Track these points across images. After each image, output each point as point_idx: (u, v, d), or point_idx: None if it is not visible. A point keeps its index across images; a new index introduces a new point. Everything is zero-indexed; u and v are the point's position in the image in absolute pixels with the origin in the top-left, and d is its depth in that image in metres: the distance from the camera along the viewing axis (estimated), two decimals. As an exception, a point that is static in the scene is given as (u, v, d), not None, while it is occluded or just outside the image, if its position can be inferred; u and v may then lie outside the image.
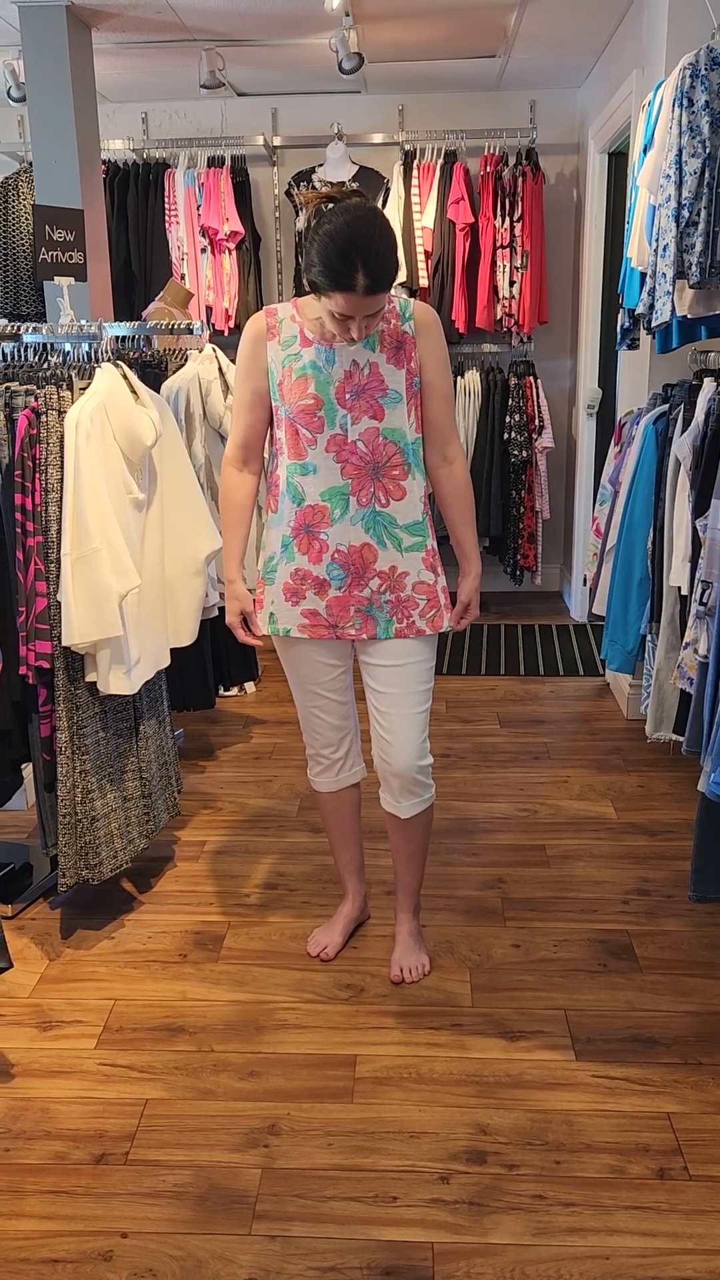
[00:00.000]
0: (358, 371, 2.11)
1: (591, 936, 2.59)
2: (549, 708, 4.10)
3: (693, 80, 2.64)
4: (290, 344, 2.13)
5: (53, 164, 3.97)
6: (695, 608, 2.46)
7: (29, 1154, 1.94)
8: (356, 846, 2.55)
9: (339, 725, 2.40)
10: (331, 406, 2.11)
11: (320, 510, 2.16)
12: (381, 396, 2.12)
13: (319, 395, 2.11)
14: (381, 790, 2.38)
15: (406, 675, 2.26)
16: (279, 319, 2.15)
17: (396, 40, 4.38)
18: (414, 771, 2.29)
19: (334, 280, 1.92)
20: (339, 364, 2.11)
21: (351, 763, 2.46)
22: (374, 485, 2.16)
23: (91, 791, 2.53)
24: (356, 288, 1.91)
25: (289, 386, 2.13)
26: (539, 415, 5.14)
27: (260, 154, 5.32)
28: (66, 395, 2.46)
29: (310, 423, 2.12)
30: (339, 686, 2.36)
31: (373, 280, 1.91)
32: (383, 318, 2.12)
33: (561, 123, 5.29)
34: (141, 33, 4.19)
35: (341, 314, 1.97)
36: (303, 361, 2.12)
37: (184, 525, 2.76)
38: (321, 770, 2.46)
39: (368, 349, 2.11)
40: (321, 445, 2.13)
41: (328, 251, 1.91)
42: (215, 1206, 1.82)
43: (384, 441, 2.14)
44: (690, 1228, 1.76)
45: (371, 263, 1.90)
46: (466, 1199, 1.82)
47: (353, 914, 2.58)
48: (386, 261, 1.93)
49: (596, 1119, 2.00)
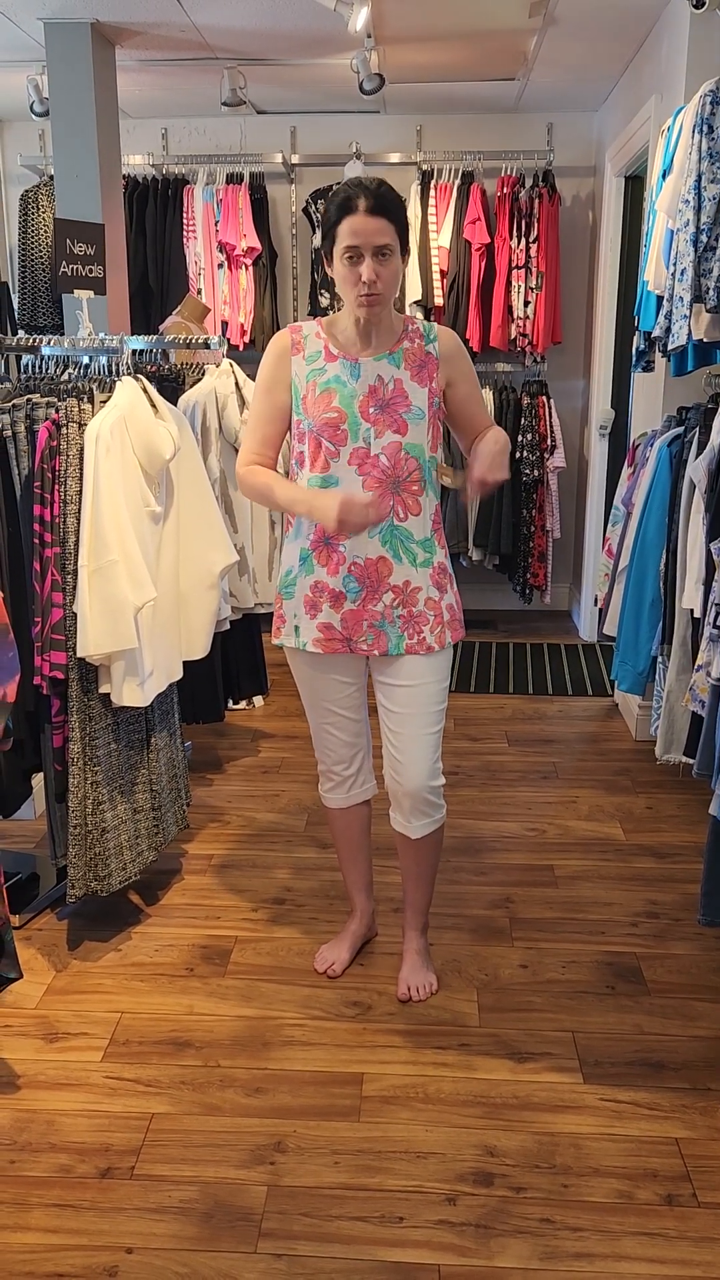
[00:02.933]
0: (382, 386, 2.14)
1: (599, 958, 2.58)
2: (558, 727, 4.09)
3: (713, 107, 2.66)
4: (315, 359, 2.17)
5: (74, 178, 4.00)
6: (708, 630, 2.47)
7: (34, 1166, 1.94)
8: (366, 863, 2.55)
9: (351, 742, 2.40)
10: (355, 420, 2.13)
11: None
12: (405, 411, 2.14)
13: (343, 409, 2.13)
14: (392, 810, 2.38)
15: (420, 695, 2.27)
16: (304, 335, 2.19)
17: (417, 62, 4.42)
18: (425, 791, 2.29)
19: (337, 209, 2.03)
20: (363, 378, 2.14)
21: (363, 779, 2.45)
22: (394, 499, 2.17)
23: (102, 803, 2.53)
24: (357, 208, 2.00)
25: (313, 400, 2.15)
26: (551, 435, 5.16)
27: (279, 172, 5.36)
28: (87, 408, 2.48)
29: (334, 436, 2.14)
30: (353, 704, 2.36)
31: (373, 201, 2.00)
32: (407, 336, 2.17)
33: (578, 146, 5.32)
34: (164, 51, 4.23)
35: (349, 248, 2.02)
36: (327, 376, 2.15)
37: (199, 539, 2.77)
38: (333, 786, 2.45)
39: (393, 364, 2.15)
40: (344, 458, 2.15)
41: (330, 198, 2.07)
42: (221, 1224, 1.81)
43: (405, 456, 2.16)
44: (699, 1255, 1.75)
45: (371, 189, 2.02)
46: (473, 1221, 1.81)
47: (360, 931, 2.57)
48: (388, 195, 2.04)
49: (604, 1143, 1.99)
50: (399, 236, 2.06)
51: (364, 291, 2.05)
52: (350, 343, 2.17)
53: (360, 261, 2.04)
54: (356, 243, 2.02)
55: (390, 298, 2.11)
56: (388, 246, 2.04)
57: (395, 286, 2.10)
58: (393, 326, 2.18)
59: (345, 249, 2.04)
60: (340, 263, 2.07)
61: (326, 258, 2.11)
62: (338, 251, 2.06)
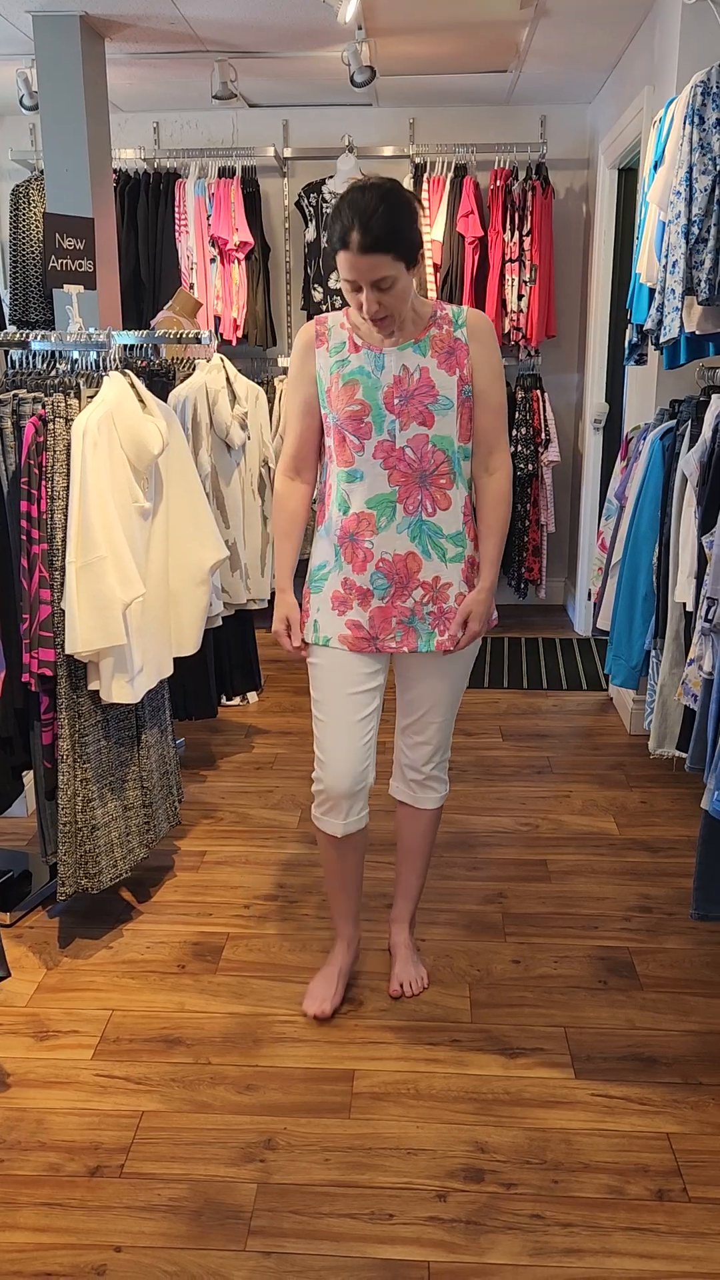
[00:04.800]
0: (407, 377, 2.07)
1: (592, 953, 2.57)
2: (552, 722, 4.09)
3: (704, 98, 2.64)
4: (339, 350, 2.11)
5: (64, 172, 3.98)
6: (700, 624, 2.46)
7: (23, 1165, 1.93)
8: (358, 892, 2.40)
9: (362, 752, 2.23)
10: (379, 412, 2.07)
11: (366, 518, 2.12)
12: (431, 403, 2.07)
13: (366, 401, 2.07)
14: (397, 782, 2.41)
15: (446, 690, 2.28)
16: (328, 326, 2.13)
17: (408, 54, 4.40)
18: (438, 769, 2.37)
19: (334, 238, 1.92)
20: (388, 369, 2.07)
21: (363, 805, 2.28)
22: (421, 493, 2.12)
23: (92, 800, 2.52)
24: (351, 244, 1.89)
25: (336, 393, 2.10)
26: (545, 429, 5.15)
27: (271, 165, 5.34)
28: (74, 403, 2.47)
29: (357, 429, 2.08)
30: (371, 706, 2.23)
31: (368, 238, 1.87)
32: (434, 323, 2.09)
33: (572, 138, 5.30)
34: (154, 44, 4.21)
35: (348, 280, 1.96)
36: (350, 367, 2.08)
37: (189, 535, 2.76)
38: (330, 809, 2.26)
39: (418, 354, 2.07)
40: (369, 452, 2.09)
41: (332, 214, 1.94)
42: (210, 1221, 1.81)
43: (432, 449, 2.10)
44: (689, 1250, 1.74)
45: (368, 219, 1.87)
46: (464, 1218, 1.81)
47: (349, 963, 2.42)
48: (388, 224, 1.89)
49: (595, 1138, 1.98)
50: (402, 259, 1.94)
51: (369, 317, 2.00)
52: (374, 333, 2.09)
53: (360, 291, 1.97)
54: (353, 277, 1.95)
55: (402, 311, 2.03)
56: (387, 279, 1.94)
57: (405, 303, 2.02)
58: (419, 315, 2.09)
59: (345, 279, 1.97)
60: (345, 285, 2.00)
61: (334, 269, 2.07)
62: (340, 274, 1.99)
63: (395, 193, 1.94)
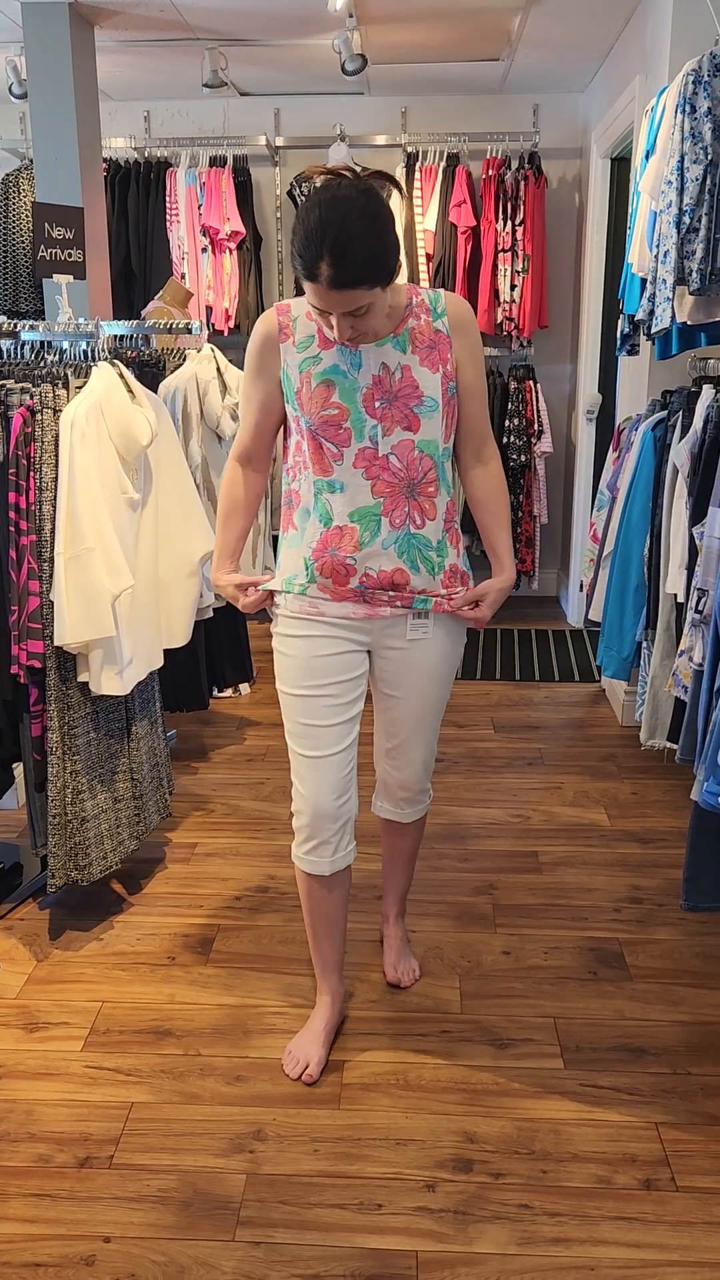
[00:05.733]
0: (388, 376, 1.87)
1: (582, 944, 2.57)
2: (544, 713, 4.09)
3: (695, 86, 2.63)
4: (307, 345, 1.88)
5: (53, 161, 3.96)
6: (691, 615, 2.46)
7: (13, 1156, 1.93)
8: (342, 937, 2.20)
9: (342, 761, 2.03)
10: (359, 416, 1.87)
11: (348, 532, 1.92)
12: (416, 405, 1.88)
13: (344, 404, 1.86)
14: (379, 799, 2.32)
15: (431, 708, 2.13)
16: (292, 317, 1.90)
17: (400, 42, 4.37)
18: (421, 785, 2.25)
19: (301, 267, 1.70)
20: (366, 367, 1.86)
21: (349, 839, 2.09)
22: (408, 504, 1.93)
23: (82, 792, 2.52)
24: (319, 278, 1.68)
25: (309, 395, 1.88)
26: (538, 420, 5.14)
27: (262, 154, 5.31)
28: (62, 394, 2.45)
29: (335, 435, 1.88)
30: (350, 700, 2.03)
31: (339, 273, 1.66)
32: (412, 312, 1.90)
33: (564, 127, 5.28)
34: (144, 31, 4.18)
35: (316, 307, 1.77)
36: (323, 365, 1.87)
37: (179, 526, 2.75)
38: (316, 845, 2.05)
39: (398, 350, 1.87)
40: (349, 460, 1.89)
41: (297, 234, 1.70)
42: (199, 1212, 1.81)
43: (420, 455, 1.91)
44: (676, 1239, 1.75)
45: (340, 251, 1.64)
46: (452, 1207, 1.81)
47: (334, 1021, 2.21)
48: (361, 253, 1.66)
49: (584, 1128, 1.99)
50: (380, 283, 1.73)
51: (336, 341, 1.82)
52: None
53: (329, 315, 1.76)
54: (322, 307, 1.75)
55: (378, 328, 1.84)
56: (362, 307, 1.74)
57: (381, 318, 1.82)
58: (394, 306, 1.88)
59: (311, 304, 1.77)
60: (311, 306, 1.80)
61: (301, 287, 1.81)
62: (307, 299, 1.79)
63: (371, 208, 1.68)
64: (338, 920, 2.16)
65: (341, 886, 2.13)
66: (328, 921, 2.15)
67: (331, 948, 2.19)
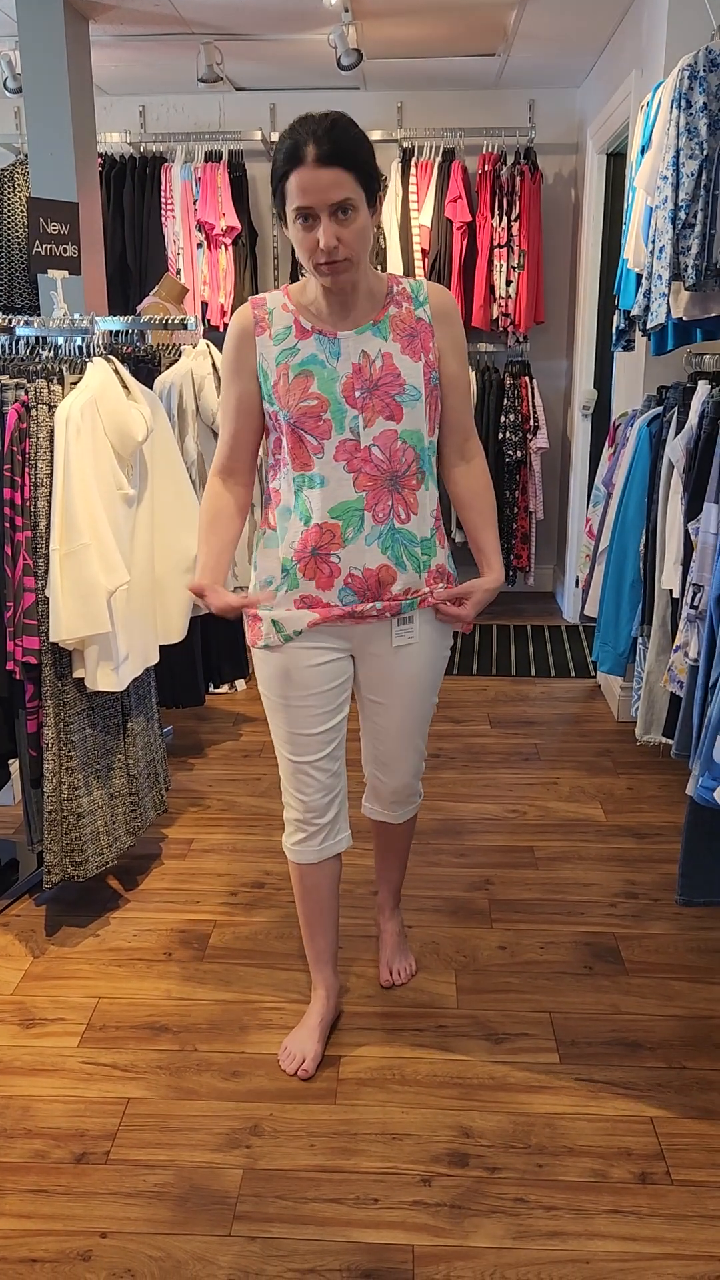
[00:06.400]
0: (368, 364, 1.82)
1: (578, 939, 2.58)
2: (540, 709, 4.09)
3: (691, 81, 2.63)
4: (284, 337, 1.84)
5: (48, 156, 3.95)
6: (686, 611, 2.46)
7: (9, 1152, 1.93)
8: (334, 930, 2.21)
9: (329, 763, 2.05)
10: (339, 407, 1.82)
11: (330, 529, 1.87)
12: (398, 394, 1.83)
13: (323, 394, 1.81)
14: (369, 800, 2.29)
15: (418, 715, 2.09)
16: (268, 309, 1.86)
17: (395, 37, 4.37)
18: (410, 786, 2.23)
19: (283, 159, 1.69)
20: (345, 356, 1.82)
21: (339, 828, 2.11)
22: (391, 498, 1.88)
23: (78, 788, 2.52)
24: (305, 158, 1.66)
25: (286, 387, 1.83)
26: (534, 415, 5.14)
27: (258, 149, 5.30)
28: (57, 390, 2.45)
29: (315, 427, 1.83)
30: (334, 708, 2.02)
31: (324, 148, 1.65)
32: (393, 300, 1.86)
33: (560, 122, 5.28)
34: (139, 25, 4.17)
35: (300, 209, 1.69)
36: (301, 356, 1.82)
37: (175, 522, 2.75)
38: (305, 838, 2.09)
39: (378, 337, 1.83)
40: (329, 453, 1.84)
41: (278, 142, 1.71)
42: (195, 1207, 1.81)
43: (402, 446, 1.86)
44: (671, 1232, 1.75)
45: (324, 130, 1.66)
46: (448, 1202, 1.81)
47: (329, 1015, 2.21)
48: (344, 136, 1.68)
49: (579, 1122, 1.99)
50: (362, 186, 1.70)
51: (322, 260, 1.72)
52: (325, 315, 1.83)
53: (316, 224, 1.70)
54: (308, 202, 1.68)
55: (361, 260, 1.76)
56: (348, 201, 1.69)
57: (365, 247, 1.76)
58: (374, 291, 1.85)
59: (296, 210, 1.70)
60: (294, 225, 1.73)
61: (280, 219, 1.77)
62: (289, 213, 1.72)
63: (349, 118, 1.72)
64: (329, 908, 2.18)
65: (331, 873, 2.15)
66: (319, 910, 2.17)
67: (324, 939, 2.20)
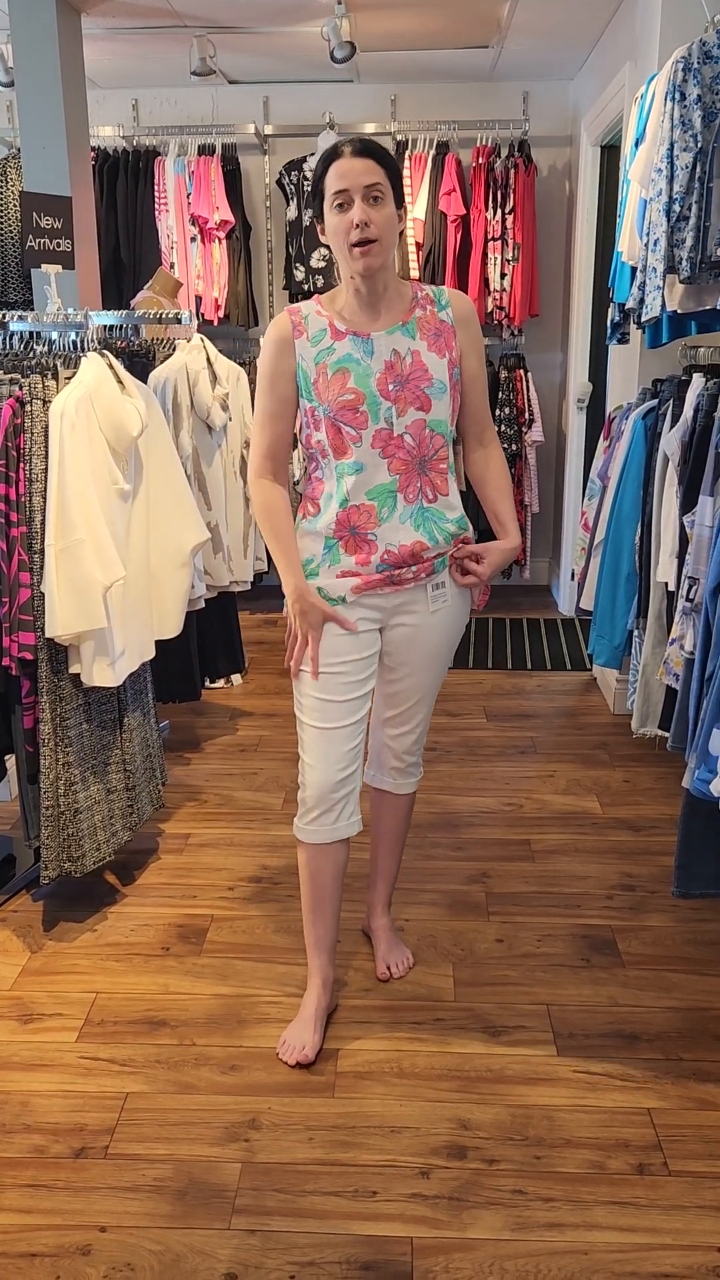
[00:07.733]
0: (399, 361, 2.01)
1: (575, 931, 2.59)
2: (536, 702, 4.10)
3: (685, 74, 2.62)
4: (321, 338, 2.02)
5: (41, 150, 3.93)
6: (682, 604, 2.46)
7: (8, 1147, 1.93)
8: (335, 919, 2.25)
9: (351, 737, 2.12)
10: (374, 400, 2.00)
11: (367, 510, 2.05)
12: (427, 386, 2.02)
13: (359, 389, 1.99)
14: (371, 769, 2.37)
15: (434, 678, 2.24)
16: (304, 315, 2.05)
17: (389, 29, 4.35)
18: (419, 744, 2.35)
19: (323, 160, 1.95)
20: (378, 354, 2.00)
21: (350, 810, 2.17)
22: (421, 480, 2.06)
23: (75, 784, 2.52)
24: (343, 153, 1.93)
25: (325, 383, 2.01)
26: (529, 408, 5.13)
27: (251, 143, 5.29)
28: (51, 385, 2.44)
29: (353, 419, 2.00)
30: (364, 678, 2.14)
31: (357, 145, 1.93)
32: (418, 304, 2.05)
33: (554, 115, 5.26)
34: (131, 18, 4.15)
35: (337, 193, 1.92)
36: (338, 355, 2.01)
37: (170, 516, 2.74)
38: (318, 815, 2.14)
39: (407, 336, 2.02)
40: (366, 441, 2.01)
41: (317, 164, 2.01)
42: (195, 1201, 1.82)
43: (430, 434, 2.04)
44: (669, 1223, 1.76)
45: (356, 138, 1.96)
46: (446, 1194, 1.82)
47: (327, 1005, 2.25)
48: (375, 143, 1.96)
49: (577, 1114, 2.00)
50: (391, 182, 1.95)
51: (356, 239, 1.91)
52: (357, 317, 2.03)
53: (350, 207, 1.92)
54: (344, 185, 1.91)
55: (388, 248, 1.97)
56: (378, 186, 1.92)
57: (393, 234, 1.97)
58: (401, 294, 2.05)
59: (334, 195, 1.93)
60: (331, 214, 1.95)
61: (319, 219, 2.00)
62: (328, 204, 1.95)
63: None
64: (333, 896, 2.22)
65: (338, 860, 2.20)
66: (323, 896, 2.21)
67: (325, 923, 2.23)
